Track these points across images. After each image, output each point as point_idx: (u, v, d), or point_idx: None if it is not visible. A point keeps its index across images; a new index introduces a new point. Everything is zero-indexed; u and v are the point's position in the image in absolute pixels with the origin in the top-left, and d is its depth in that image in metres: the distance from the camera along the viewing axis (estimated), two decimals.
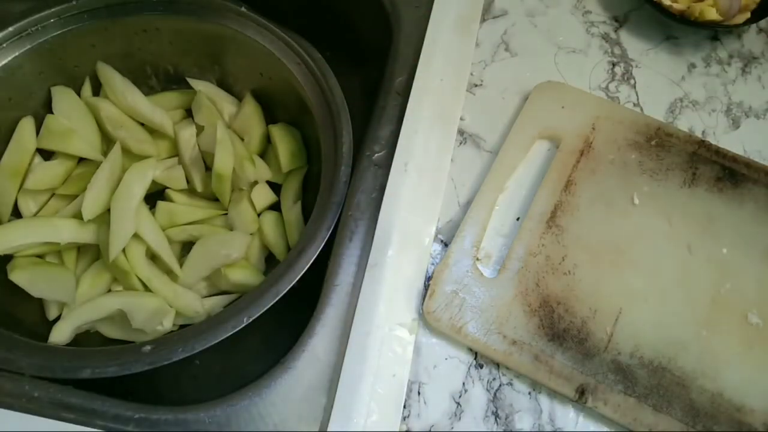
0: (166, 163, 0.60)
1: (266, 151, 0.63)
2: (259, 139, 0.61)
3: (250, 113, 0.61)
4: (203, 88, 0.62)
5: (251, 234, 0.57)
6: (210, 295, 0.57)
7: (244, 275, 0.55)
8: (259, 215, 0.59)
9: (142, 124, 0.60)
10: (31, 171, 0.55)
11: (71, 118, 0.56)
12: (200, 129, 0.60)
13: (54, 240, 0.52)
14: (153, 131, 0.60)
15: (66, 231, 0.53)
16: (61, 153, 0.57)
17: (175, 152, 0.61)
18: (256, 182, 0.59)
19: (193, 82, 0.62)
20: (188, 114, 0.64)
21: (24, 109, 0.56)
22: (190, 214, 0.58)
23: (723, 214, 0.49)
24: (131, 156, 0.58)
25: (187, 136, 0.60)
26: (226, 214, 0.59)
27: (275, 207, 0.61)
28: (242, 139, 0.61)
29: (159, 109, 0.60)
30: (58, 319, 0.52)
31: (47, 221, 0.54)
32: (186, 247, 0.58)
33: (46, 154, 0.58)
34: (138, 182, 0.54)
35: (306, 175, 0.62)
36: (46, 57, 0.55)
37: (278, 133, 0.61)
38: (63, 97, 0.57)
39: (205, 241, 0.55)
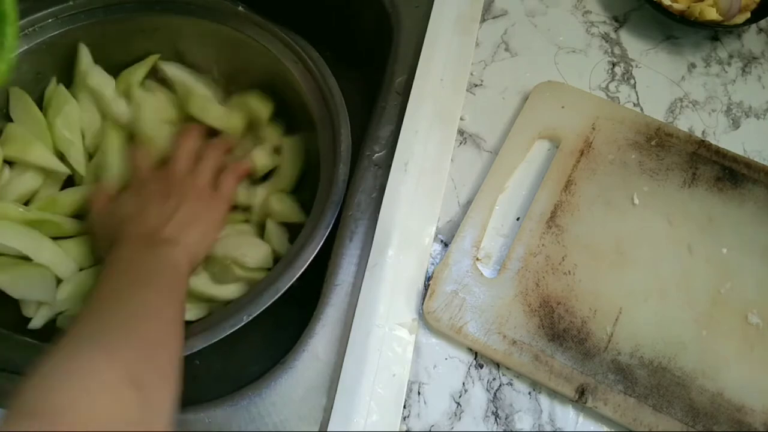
0: None
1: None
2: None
3: (250, 113, 0.61)
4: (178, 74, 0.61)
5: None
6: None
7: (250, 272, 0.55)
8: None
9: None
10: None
11: (26, 124, 0.54)
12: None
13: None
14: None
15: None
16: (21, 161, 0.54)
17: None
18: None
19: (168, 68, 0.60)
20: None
21: None
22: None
23: (723, 214, 0.49)
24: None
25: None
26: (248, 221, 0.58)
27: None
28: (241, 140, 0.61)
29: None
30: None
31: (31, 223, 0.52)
32: None
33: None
34: None
35: (305, 175, 0.62)
36: (43, 57, 0.55)
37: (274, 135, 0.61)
38: (19, 102, 0.54)
39: (229, 235, 0.54)
